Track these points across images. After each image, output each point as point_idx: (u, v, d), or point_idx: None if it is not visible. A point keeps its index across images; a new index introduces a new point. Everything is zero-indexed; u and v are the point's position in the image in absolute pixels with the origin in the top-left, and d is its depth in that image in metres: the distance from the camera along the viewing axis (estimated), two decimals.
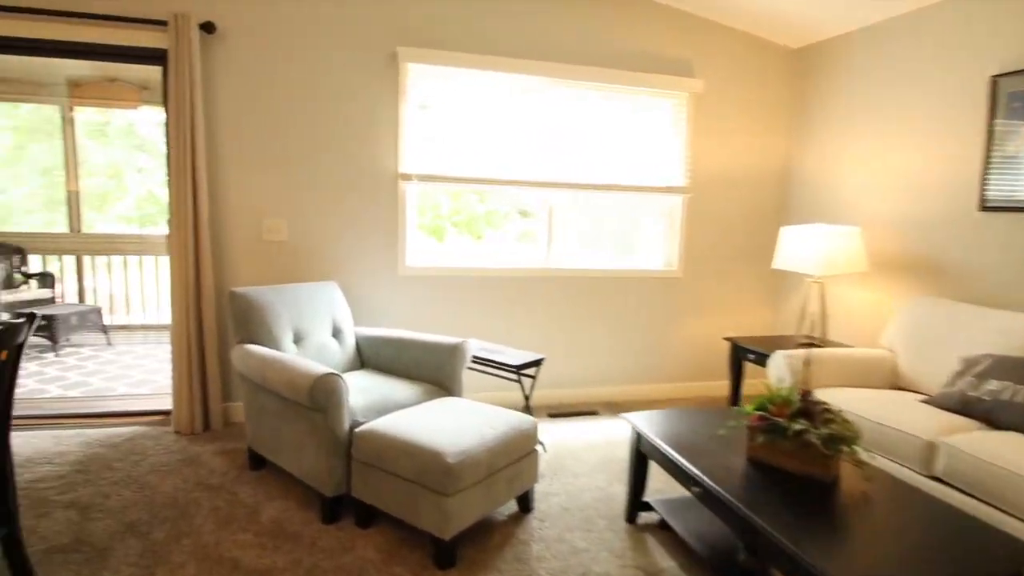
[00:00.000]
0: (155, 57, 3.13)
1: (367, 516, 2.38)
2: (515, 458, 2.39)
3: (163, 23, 3.05)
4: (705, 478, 1.88)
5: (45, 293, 5.63)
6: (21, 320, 1.82)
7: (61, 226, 6.10)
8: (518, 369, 3.05)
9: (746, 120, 4.14)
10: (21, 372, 1.90)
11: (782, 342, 3.52)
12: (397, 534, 2.34)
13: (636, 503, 2.48)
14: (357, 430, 2.36)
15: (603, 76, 3.79)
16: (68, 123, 5.84)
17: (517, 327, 3.89)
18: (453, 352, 2.92)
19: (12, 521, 1.88)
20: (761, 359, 3.32)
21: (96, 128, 6.68)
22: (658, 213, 4.17)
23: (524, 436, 2.44)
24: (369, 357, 3.19)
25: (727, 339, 3.68)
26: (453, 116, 3.66)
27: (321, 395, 2.31)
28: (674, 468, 2.15)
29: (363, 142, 3.50)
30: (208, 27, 3.14)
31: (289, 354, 2.69)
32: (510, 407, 2.67)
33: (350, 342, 3.18)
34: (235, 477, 2.79)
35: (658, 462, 2.30)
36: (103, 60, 3.22)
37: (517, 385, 3.17)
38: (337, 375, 2.35)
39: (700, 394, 4.29)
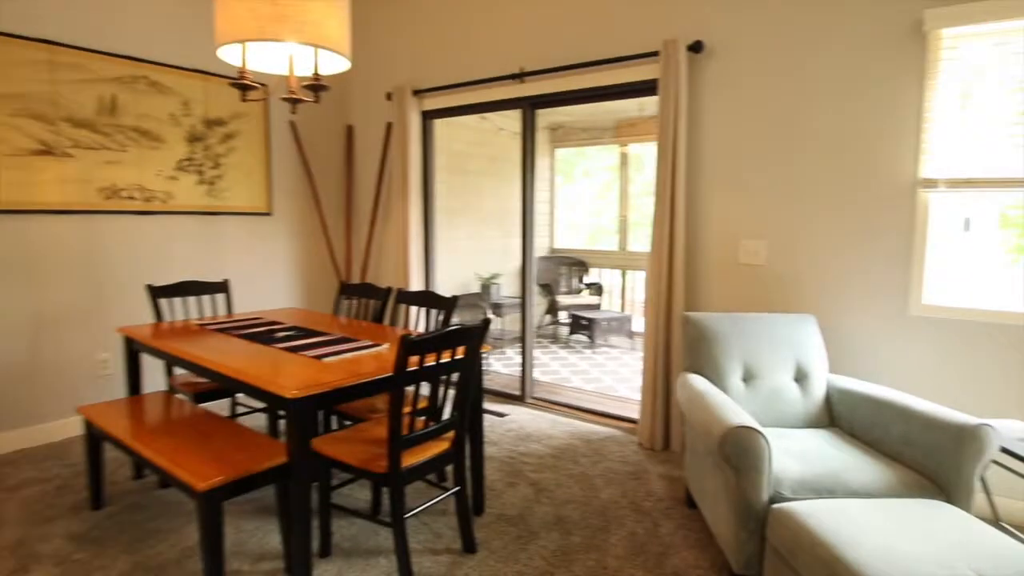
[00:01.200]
0: (650, 88, 3.30)
1: None
2: None
3: (655, 54, 3.18)
4: None
5: (594, 299, 6.84)
6: (479, 324, 2.18)
7: (614, 245, 7.30)
8: None
9: None
10: (562, 360, 2.26)
11: None
12: None
13: None
14: (776, 506, 1.87)
15: None
16: (622, 159, 6.91)
17: None
18: (965, 437, 1.98)
19: (464, 483, 2.28)
20: None
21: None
22: None
23: None
24: (841, 415, 2.52)
25: None
26: (1015, 93, 2.50)
27: (732, 450, 1.93)
28: None
29: (865, 145, 2.79)
30: (696, 47, 3.10)
31: (720, 393, 2.37)
32: None
33: (818, 392, 2.58)
34: (666, 508, 2.66)
35: None
36: (606, 100, 3.61)
37: None
38: (756, 431, 1.92)
39: None
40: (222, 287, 3.38)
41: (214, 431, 2.29)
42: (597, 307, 6.78)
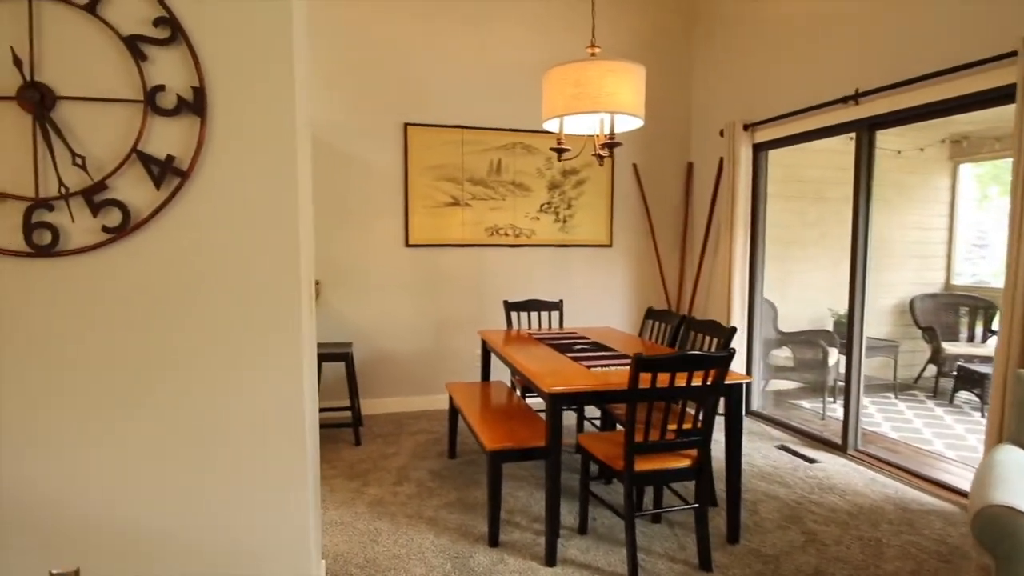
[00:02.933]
0: (1007, 96, 2.72)
1: None
2: None
3: (1011, 55, 2.62)
4: None
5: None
6: (719, 354, 2.31)
7: None
8: None
9: None
10: (931, 419, 2.31)
11: None
12: None
13: None
14: None
15: None
16: None
17: None
18: None
19: (704, 503, 2.43)
20: None
21: None
22: None
23: None
24: None
25: None
26: None
27: (982, 531, 1.61)
28: None
29: None
30: None
31: (1018, 467, 1.89)
32: None
33: None
34: None
35: None
36: (951, 114, 3.07)
37: None
38: (1020, 512, 1.56)
39: None
40: (557, 305, 4.18)
41: (518, 415, 2.99)
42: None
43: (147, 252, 1.58)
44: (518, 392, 3.61)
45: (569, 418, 4.38)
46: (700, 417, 2.41)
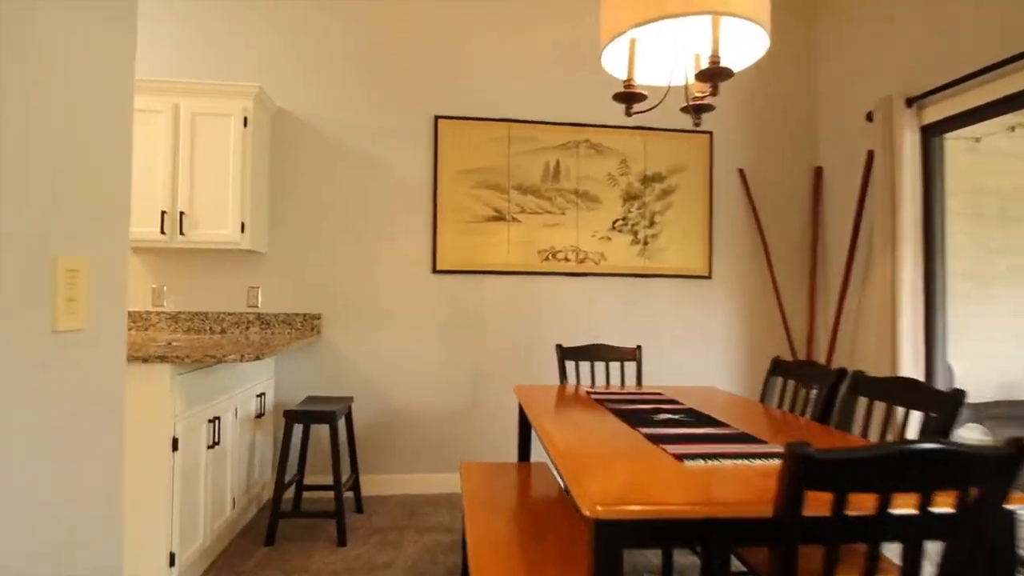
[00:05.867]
0: None
1: None
2: None
3: None
4: None
5: None
6: (1007, 451, 1.00)
7: None
8: None
9: None
10: None
11: None
12: None
13: None
14: None
15: None
16: None
17: None
18: None
19: None
20: None
21: None
22: None
23: None
24: None
25: None
26: None
27: None
28: None
29: None
30: None
31: None
32: None
33: None
34: None
35: None
36: None
37: None
38: None
39: None
40: (632, 354, 2.92)
41: (553, 526, 1.74)
42: None
43: None
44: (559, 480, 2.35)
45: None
46: None
